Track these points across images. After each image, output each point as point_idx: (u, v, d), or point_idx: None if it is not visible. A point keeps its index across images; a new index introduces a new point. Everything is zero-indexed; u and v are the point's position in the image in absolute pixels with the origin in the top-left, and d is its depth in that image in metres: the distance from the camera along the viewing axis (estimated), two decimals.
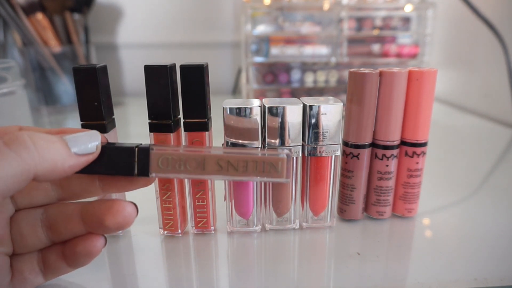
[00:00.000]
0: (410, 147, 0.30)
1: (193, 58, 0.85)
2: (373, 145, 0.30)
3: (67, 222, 0.22)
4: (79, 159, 0.19)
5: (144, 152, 0.21)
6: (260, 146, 0.28)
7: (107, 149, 0.21)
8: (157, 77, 0.26)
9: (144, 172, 0.21)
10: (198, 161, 0.21)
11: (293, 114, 0.27)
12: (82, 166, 0.20)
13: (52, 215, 0.22)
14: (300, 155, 0.28)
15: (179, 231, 0.30)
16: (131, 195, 0.28)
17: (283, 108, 0.27)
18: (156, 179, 0.28)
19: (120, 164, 0.21)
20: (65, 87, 0.71)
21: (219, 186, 0.30)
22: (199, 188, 0.29)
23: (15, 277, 0.22)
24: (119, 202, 0.21)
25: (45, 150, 0.18)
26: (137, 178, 0.22)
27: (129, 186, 0.22)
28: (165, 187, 0.28)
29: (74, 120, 0.68)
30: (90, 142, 0.20)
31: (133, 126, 0.66)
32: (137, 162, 0.21)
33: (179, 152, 0.21)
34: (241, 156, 0.21)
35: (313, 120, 0.27)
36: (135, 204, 0.22)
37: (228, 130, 0.27)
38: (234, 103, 0.27)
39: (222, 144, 0.28)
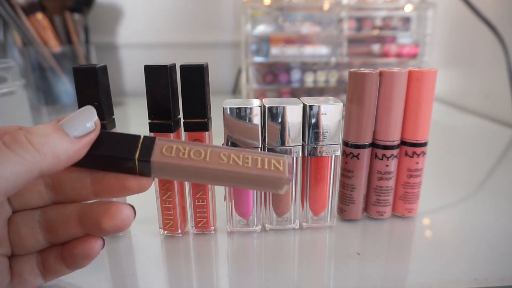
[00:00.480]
0: (410, 147, 0.30)
1: (193, 58, 0.85)
2: (373, 145, 0.30)
3: (66, 224, 0.21)
4: (82, 141, 0.19)
5: (149, 139, 0.21)
6: (260, 146, 0.28)
7: (112, 134, 0.21)
8: (157, 77, 0.26)
9: (146, 155, 0.20)
10: (202, 151, 0.21)
11: (293, 114, 0.27)
12: (88, 147, 0.20)
13: (51, 217, 0.22)
14: (300, 155, 0.28)
15: (179, 231, 0.30)
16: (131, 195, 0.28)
17: (283, 108, 0.27)
18: (155, 180, 0.28)
19: (122, 147, 0.20)
20: (65, 87, 0.71)
21: (219, 186, 0.30)
22: (199, 188, 0.29)
23: (15, 278, 0.22)
24: (116, 204, 0.21)
25: (44, 146, 0.18)
26: (130, 182, 0.21)
27: (122, 191, 0.21)
28: (165, 187, 0.28)
29: None
30: (87, 121, 0.20)
31: (133, 126, 0.66)
32: (141, 147, 0.21)
33: (185, 143, 0.21)
34: (245, 152, 0.21)
35: (313, 120, 0.27)
36: (132, 207, 0.21)
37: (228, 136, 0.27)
38: (234, 103, 0.27)
39: (222, 144, 0.28)
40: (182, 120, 0.27)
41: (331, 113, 0.27)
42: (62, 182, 0.22)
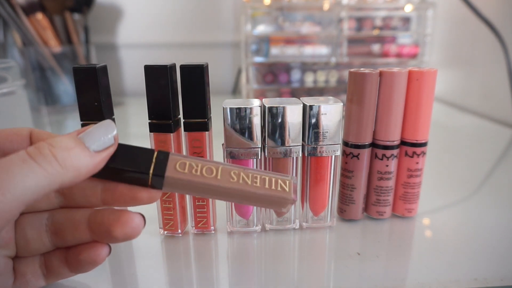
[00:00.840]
0: (410, 147, 0.30)
1: (193, 58, 0.85)
2: (373, 145, 0.30)
3: (73, 229, 0.22)
4: (101, 155, 0.19)
5: (163, 154, 0.21)
6: (260, 146, 0.28)
7: (128, 147, 0.21)
8: (157, 77, 0.26)
9: (160, 171, 0.21)
10: (213, 169, 0.22)
11: (293, 114, 0.27)
12: (105, 161, 0.20)
13: (58, 221, 0.22)
14: (300, 155, 0.28)
15: (179, 231, 0.30)
16: None
17: (283, 108, 0.27)
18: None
19: (138, 162, 0.21)
20: (65, 87, 0.71)
21: None
22: None
23: (18, 279, 0.22)
24: (127, 213, 0.21)
25: (67, 160, 0.18)
26: (141, 194, 0.21)
27: (132, 201, 0.21)
28: None
29: (74, 120, 0.68)
30: (107, 135, 0.20)
31: (133, 126, 0.66)
32: (155, 161, 0.21)
33: (197, 160, 0.22)
34: (253, 172, 0.22)
35: (313, 120, 0.27)
36: (142, 216, 0.21)
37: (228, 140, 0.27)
38: (234, 103, 0.27)
39: (222, 144, 0.28)
40: (182, 120, 0.27)
41: (331, 113, 0.27)
42: (72, 189, 0.22)
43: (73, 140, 0.19)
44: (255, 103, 0.27)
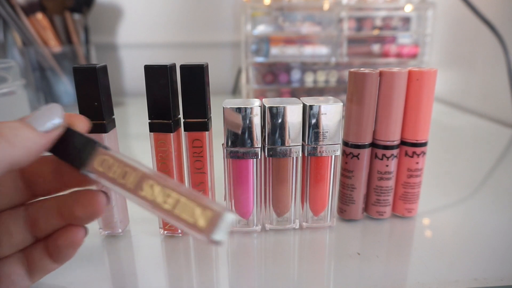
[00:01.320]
0: (410, 147, 0.30)
1: (193, 58, 0.85)
2: (373, 145, 0.30)
3: (47, 216, 0.22)
4: (49, 135, 0.19)
5: (92, 147, 0.20)
6: (260, 146, 0.28)
7: (71, 133, 0.21)
8: (157, 77, 0.26)
9: (79, 164, 0.20)
10: (130, 174, 0.19)
11: (293, 114, 0.27)
12: (54, 140, 0.20)
13: (33, 212, 0.22)
14: (300, 155, 0.28)
15: (179, 231, 0.30)
16: None
17: (283, 108, 0.27)
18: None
19: (69, 149, 0.21)
20: (65, 87, 0.71)
21: (219, 186, 0.30)
22: (199, 188, 0.29)
23: (3, 281, 0.22)
24: (87, 192, 0.21)
25: (14, 138, 0.18)
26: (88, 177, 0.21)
27: (84, 183, 0.21)
28: None
29: None
30: (53, 117, 0.20)
31: (133, 126, 0.66)
32: (84, 153, 0.20)
33: (125, 161, 0.20)
34: (176, 188, 0.18)
35: (313, 120, 0.27)
36: (105, 193, 0.21)
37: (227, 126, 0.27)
38: (234, 103, 0.27)
39: (222, 144, 0.28)
40: (182, 120, 0.28)
41: (331, 113, 0.27)
42: (35, 175, 0.22)
43: (20, 122, 0.19)
44: (255, 103, 0.27)
